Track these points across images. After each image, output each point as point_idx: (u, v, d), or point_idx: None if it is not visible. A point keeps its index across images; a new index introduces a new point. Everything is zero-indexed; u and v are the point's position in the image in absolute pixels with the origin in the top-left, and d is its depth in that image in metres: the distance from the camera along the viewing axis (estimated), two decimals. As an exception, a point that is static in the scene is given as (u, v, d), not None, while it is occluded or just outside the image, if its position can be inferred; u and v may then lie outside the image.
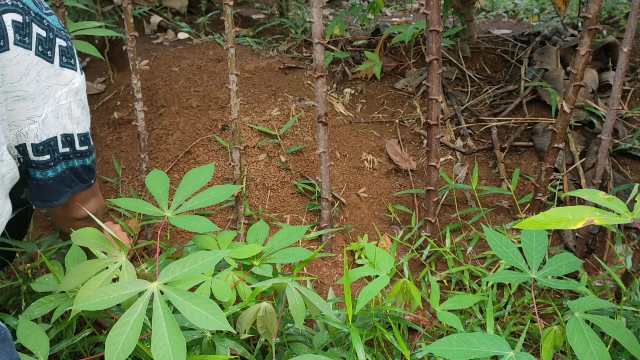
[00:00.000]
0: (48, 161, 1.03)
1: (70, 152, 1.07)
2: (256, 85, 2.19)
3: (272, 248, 1.25)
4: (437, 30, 1.45)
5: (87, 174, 1.13)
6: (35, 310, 1.06)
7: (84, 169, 1.11)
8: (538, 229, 0.93)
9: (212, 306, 0.88)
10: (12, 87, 0.93)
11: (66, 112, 1.03)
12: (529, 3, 4.02)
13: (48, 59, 0.98)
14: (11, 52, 0.91)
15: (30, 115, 0.97)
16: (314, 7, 1.43)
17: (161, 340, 0.84)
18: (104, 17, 2.83)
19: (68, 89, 1.02)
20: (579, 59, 1.50)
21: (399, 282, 1.16)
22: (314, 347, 1.21)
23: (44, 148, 1.01)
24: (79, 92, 1.05)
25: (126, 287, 0.89)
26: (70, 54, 1.03)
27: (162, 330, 0.85)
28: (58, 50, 0.99)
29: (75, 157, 1.08)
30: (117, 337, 0.83)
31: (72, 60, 1.03)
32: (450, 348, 0.98)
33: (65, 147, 1.05)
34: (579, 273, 1.51)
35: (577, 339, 0.99)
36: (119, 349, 0.82)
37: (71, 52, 1.03)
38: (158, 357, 0.82)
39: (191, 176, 1.25)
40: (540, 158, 1.98)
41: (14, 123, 0.96)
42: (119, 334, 0.83)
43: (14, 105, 0.95)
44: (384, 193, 1.91)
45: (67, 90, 1.02)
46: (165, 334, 0.84)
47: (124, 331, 0.83)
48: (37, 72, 0.96)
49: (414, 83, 2.36)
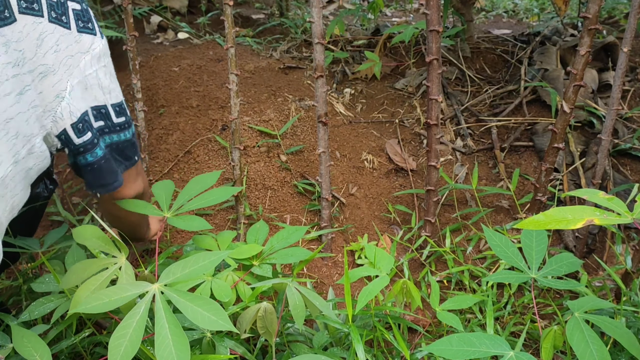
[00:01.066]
0: (92, 139, 0.94)
1: (105, 126, 0.97)
2: (256, 85, 2.19)
3: (272, 248, 1.25)
4: (437, 30, 1.45)
5: (131, 150, 1.04)
6: (35, 310, 1.06)
7: (126, 144, 1.02)
8: (538, 229, 0.93)
9: (214, 306, 0.88)
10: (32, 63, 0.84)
11: (95, 82, 0.93)
12: (529, 3, 4.02)
13: (64, 25, 0.87)
14: (19, 22, 0.81)
15: (57, 92, 0.88)
16: (314, 7, 1.43)
17: (164, 341, 0.84)
18: (104, 17, 2.83)
19: (90, 57, 0.92)
20: (579, 59, 1.50)
21: (399, 282, 1.16)
22: (314, 347, 1.21)
23: (83, 125, 0.92)
24: (101, 58, 0.95)
25: (127, 290, 0.89)
26: (87, 17, 0.92)
27: (165, 332, 0.85)
28: (72, 14, 0.89)
29: (113, 131, 0.98)
30: (120, 340, 0.83)
31: (90, 24, 0.93)
32: (450, 348, 0.98)
33: (98, 120, 0.95)
34: (579, 273, 1.51)
35: (577, 339, 0.99)
36: (122, 351, 0.82)
37: (87, 15, 0.93)
38: (162, 358, 0.82)
39: (196, 181, 1.26)
40: (540, 158, 1.98)
41: (48, 107, 0.88)
42: (122, 336, 0.83)
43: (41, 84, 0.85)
44: (384, 193, 1.91)
45: (90, 57, 0.92)
46: (168, 335, 0.84)
47: (127, 333, 0.83)
48: (55, 40, 0.86)
49: (414, 83, 2.36)
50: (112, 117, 0.98)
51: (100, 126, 0.96)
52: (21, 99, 0.83)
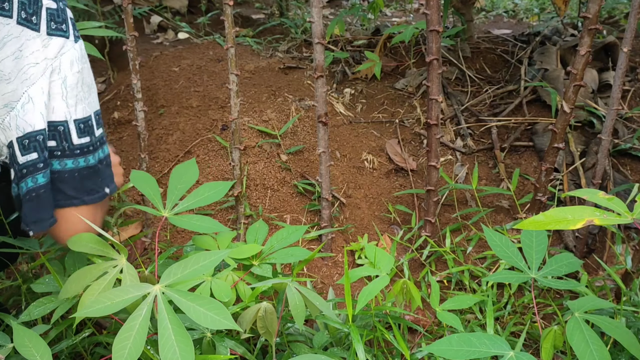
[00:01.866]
0: (37, 161, 0.81)
1: (58, 148, 0.83)
2: (256, 85, 2.19)
3: (272, 248, 1.24)
4: (437, 30, 1.45)
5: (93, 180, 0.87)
6: (35, 310, 1.06)
7: (85, 172, 0.86)
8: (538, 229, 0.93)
9: (217, 306, 0.88)
10: None
11: (58, 91, 0.81)
12: (529, 3, 4.02)
13: (33, 27, 0.78)
14: None
15: (7, 101, 0.78)
16: (314, 7, 1.43)
17: (168, 342, 0.84)
18: (104, 17, 2.83)
19: (59, 62, 0.81)
20: (579, 59, 1.50)
21: (399, 282, 1.16)
22: (314, 347, 1.21)
23: (29, 143, 0.80)
24: (74, 63, 0.83)
25: (129, 291, 0.89)
26: (61, 18, 0.82)
27: (168, 332, 0.85)
28: (45, 14, 0.79)
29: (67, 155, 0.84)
30: (124, 342, 0.83)
31: (64, 25, 0.82)
32: (450, 348, 0.98)
33: (51, 139, 0.82)
34: (579, 273, 1.51)
35: (577, 339, 0.99)
36: (126, 354, 0.82)
37: (62, 16, 0.82)
38: (166, 359, 0.82)
39: (177, 174, 1.20)
40: (540, 158, 1.98)
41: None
42: (126, 339, 0.83)
43: None
44: (384, 193, 1.91)
45: (58, 63, 0.81)
46: (171, 335, 0.84)
47: (130, 336, 0.83)
48: (18, 46, 0.77)
49: (414, 83, 2.36)
50: (71, 135, 0.83)
51: (52, 147, 0.82)
52: None
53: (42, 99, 0.80)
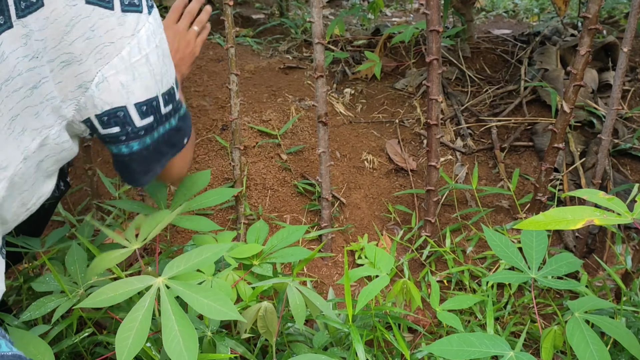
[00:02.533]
0: (118, 134, 0.84)
1: (153, 122, 0.86)
2: (256, 85, 2.19)
3: (272, 247, 1.25)
4: (437, 30, 1.45)
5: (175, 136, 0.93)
6: (36, 310, 1.06)
7: (170, 134, 0.91)
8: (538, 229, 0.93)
9: (221, 297, 0.88)
10: (54, 52, 0.74)
11: (146, 70, 0.81)
12: (529, 3, 4.02)
13: (105, 4, 0.75)
14: (46, 7, 0.71)
15: (80, 82, 0.77)
16: (314, 7, 1.43)
17: (171, 333, 0.84)
18: (104, 17, 2.83)
19: (137, 40, 0.79)
20: (579, 59, 1.50)
21: (399, 282, 1.17)
22: (314, 347, 1.21)
23: (109, 119, 0.81)
24: (151, 38, 0.81)
25: (132, 284, 0.90)
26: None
27: (172, 324, 0.85)
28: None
29: (159, 124, 0.87)
30: (126, 333, 0.83)
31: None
32: (450, 348, 0.98)
33: (146, 116, 0.84)
34: (579, 273, 1.51)
35: (577, 339, 0.99)
36: (129, 343, 0.82)
37: None
38: (170, 350, 0.82)
39: (188, 182, 1.25)
40: (540, 158, 1.98)
41: (68, 97, 0.78)
42: (129, 329, 0.83)
43: (61, 74, 0.76)
44: (384, 193, 1.91)
45: (137, 41, 0.79)
46: (175, 326, 0.84)
47: (133, 327, 0.83)
48: (90, 26, 0.74)
49: (414, 83, 2.36)
50: (160, 108, 0.86)
51: (149, 123, 0.85)
52: (34, 93, 0.76)
53: (118, 79, 0.79)
